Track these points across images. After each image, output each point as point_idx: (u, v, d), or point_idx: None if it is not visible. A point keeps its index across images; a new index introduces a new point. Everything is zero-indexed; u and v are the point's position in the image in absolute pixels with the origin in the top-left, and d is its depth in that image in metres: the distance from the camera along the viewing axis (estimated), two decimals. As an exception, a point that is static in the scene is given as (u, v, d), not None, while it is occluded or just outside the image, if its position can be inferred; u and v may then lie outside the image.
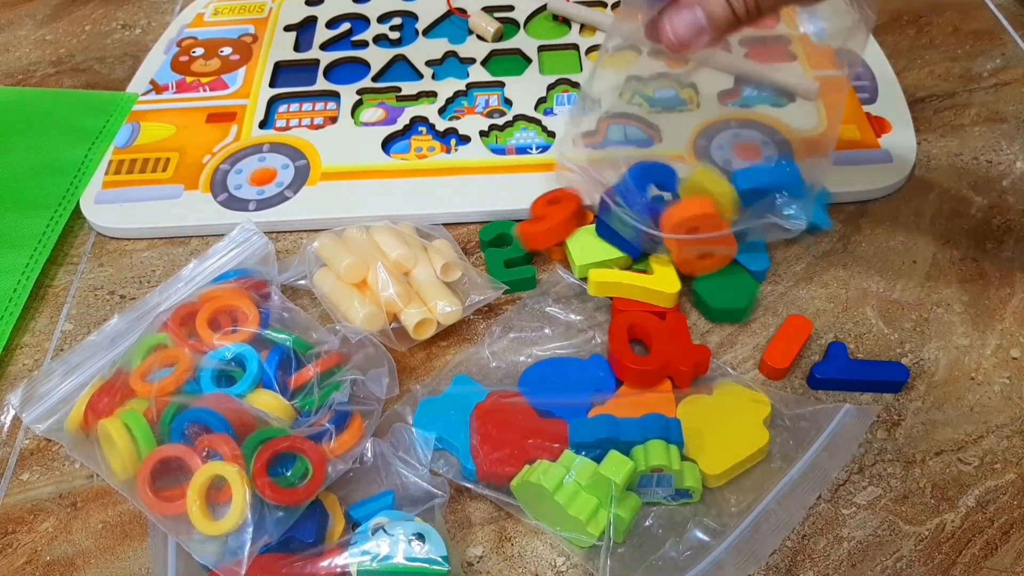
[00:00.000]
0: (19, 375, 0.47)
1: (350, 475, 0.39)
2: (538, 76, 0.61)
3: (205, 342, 0.42)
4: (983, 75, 0.61)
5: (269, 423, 0.39)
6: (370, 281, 0.45)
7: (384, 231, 0.48)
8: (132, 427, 0.38)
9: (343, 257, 0.46)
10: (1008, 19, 0.66)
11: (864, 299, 0.48)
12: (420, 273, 0.46)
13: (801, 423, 0.41)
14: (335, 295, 0.46)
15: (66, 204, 0.54)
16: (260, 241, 0.49)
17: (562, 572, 0.38)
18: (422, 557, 0.35)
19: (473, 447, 0.40)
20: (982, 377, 0.44)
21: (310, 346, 0.43)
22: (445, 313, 0.45)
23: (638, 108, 0.55)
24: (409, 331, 0.45)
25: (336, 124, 0.58)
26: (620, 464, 0.37)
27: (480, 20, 0.65)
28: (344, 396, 0.41)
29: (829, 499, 0.40)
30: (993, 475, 0.41)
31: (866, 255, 0.50)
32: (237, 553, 0.35)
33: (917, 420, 0.43)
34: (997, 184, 0.54)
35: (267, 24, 0.67)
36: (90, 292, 0.50)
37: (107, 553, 0.40)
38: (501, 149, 0.56)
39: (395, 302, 0.44)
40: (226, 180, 0.55)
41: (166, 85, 0.62)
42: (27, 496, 0.42)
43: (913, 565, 0.38)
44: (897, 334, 0.46)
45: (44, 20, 0.71)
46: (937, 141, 0.57)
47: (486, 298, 0.46)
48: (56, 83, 0.65)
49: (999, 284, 0.48)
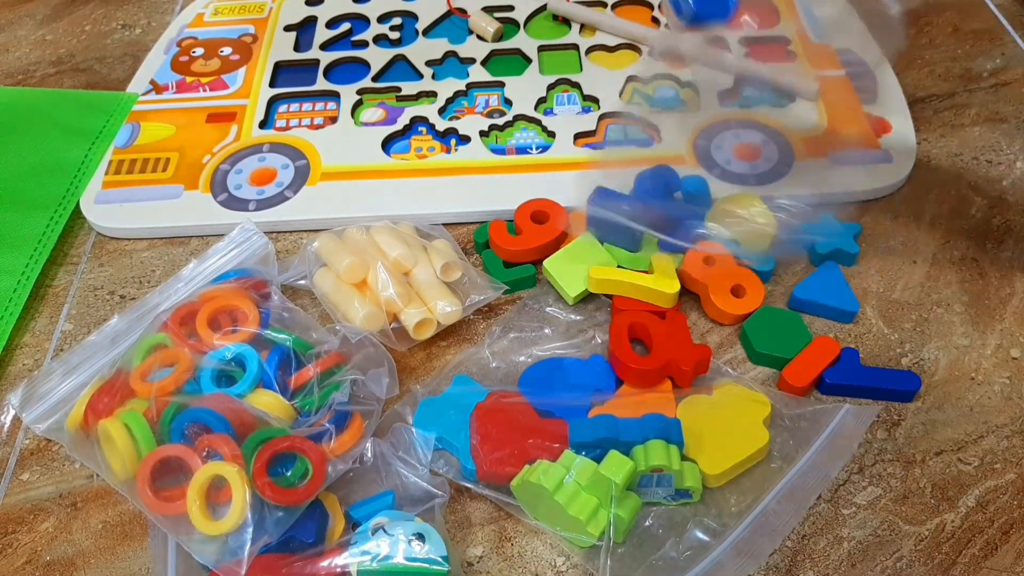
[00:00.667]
0: (19, 375, 0.47)
1: (350, 475, 0.39)
2: (538, 76, 0.61)
3: (205, 342, 0.42)
4: (983, 75, 0.61)
5: (269, 423, 0.39)
6: (370, 281, 0.45)
7: (384, 231, 0.48)
8: (132, 427, 0.38)
9: (343, 257, 0.46)
10: (1008, 19, 0.66)
11: (864, 299, 0.48)
12: (420, 273, 0.46)
13: (801, 423, 0.41)
14: (335, 295, 0.46)
15: (66, 204, 0.54)
16: (260, 241, 0.49)
17: (562, 572, 0.38)
18: (422, 557, 0.35)
19: (473, 447, 0.40)
20: (982, 377, 0.44)
21: (310, 346, 0.43)
22: (445, 313, 0.45)
23: (638, 108, 0.55)
24: (409, 331, 0.45)
25: (336, 124, 0.58)
26: (620, 464, 0.37)
27: (480, 20, 0.65)
28: (344, 396, 0.41)
29: (829, 499, 0.40)
30: (993, 475, 0.41)
31: (866, 255, 0.50)
32: (237, 553, 0.35)
33: (917, 420, 0.43)
34: (997, 184, 0.54)
35: (267, 24, 0.67)
36: (90, 292, 0.50)
37: (107, 553, 0.40)
38: (501, 149, 0.56)
39: (395, 302, 0.44)
40: (226, 180, 0.55)
41: (166, 85, 0.62)
42: (27, 496, 0.42)
43: (913, 565, 0.38)
44: (897, 334, 0.46)
45: (44, 20, 0.71)
46: (937, 141, 0.57)
47: (486, 298, 0.46)
48: (56, 83, 0.65)
49: (999, 284, 0.48)
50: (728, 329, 0.47)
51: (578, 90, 0.60)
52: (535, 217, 0.50)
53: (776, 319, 0.46)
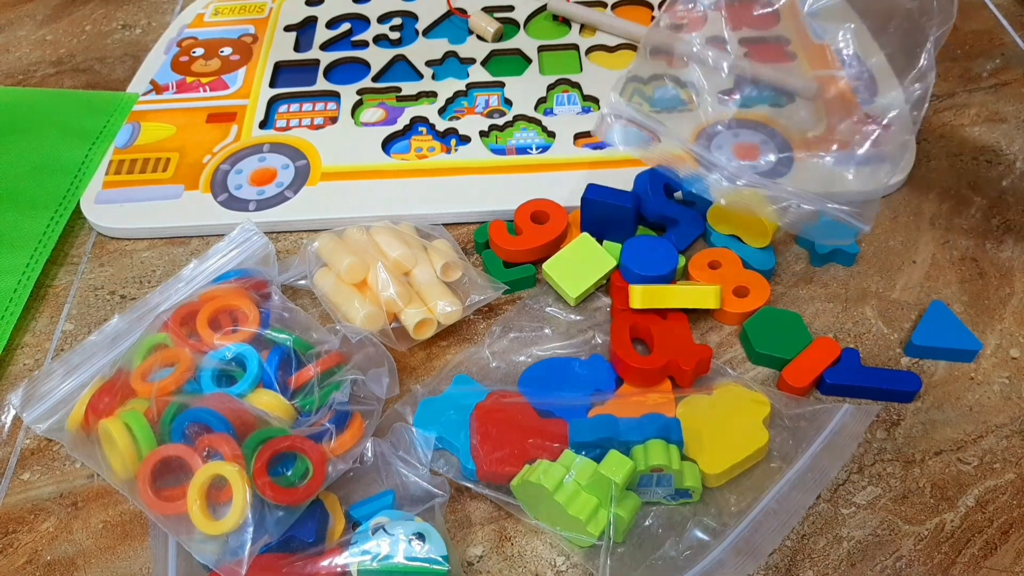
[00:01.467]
0: (20, 375, 0.47)
1: (350, 475, 0.40)
2: (538, 76, 0.62)
3: (206, 342, 0.42)
4: (983, 75, 0.61)
5: (269, 423, 0.39)
6: (370, 281, 0.45)
7: (384, 231, 0.48)
8: (133, 427, 0.38)
9: (343, 257, 0.46)
10: (1008, 19, 0.66)
11: (864, 299, 0.48)
12: (420, 273, 0.46)
13: (800, 423, 0.41)
14: (335, 295, 0.46)
15: (67, 204, 0.54)
16: (260, 241, 0.49)
17: (562, 572, 0.38)
18: (422, 557, 0.35)
19: (473, 447, 0.40)
20: (981, 377, 0.44)
21: (310, 346, 0.43)
22: (446, 313, 0.45)
23: (638, 108, 0.55)
24: (409, 331, 0.45)
25: (336, 124, 0.58)
26: (620, 464, 0.37)
27: (480, 20, 0.65)
28: (344, 396, 0.41)
29: (829, 499, 0.40)
30: (992, 475, 0.41)
31: (866, 255, 0.50)
32: (237, 553, 0.35)
33: (917, 420, 0.43)
34: (997, 184, 0.54)
35: (267, 24, 0.67)
36: (90, 292, 0.50)
37: (107, 553, 0.40)
38: (501, 149, 0.56)
39: (395, 302, 0.44)
40: (226, 180, 0.55)
41: (166, 85, 0.62)
42: (28, 496, 0.42)
43: (913, 565, 0.38)
44: (897, 334, 0.46)
45: (44, 20, 0.71)
46: (937, 141, 0.57)
47: (486, 298, 0.46)
48: (56, 83, 0.65)
49: (999, 284, 0.48)
50: (728, 329, 0.47)
51: (578, 90, 0.60)
52: (535, 217, 0.50)
53: (777, 319, 0.46)
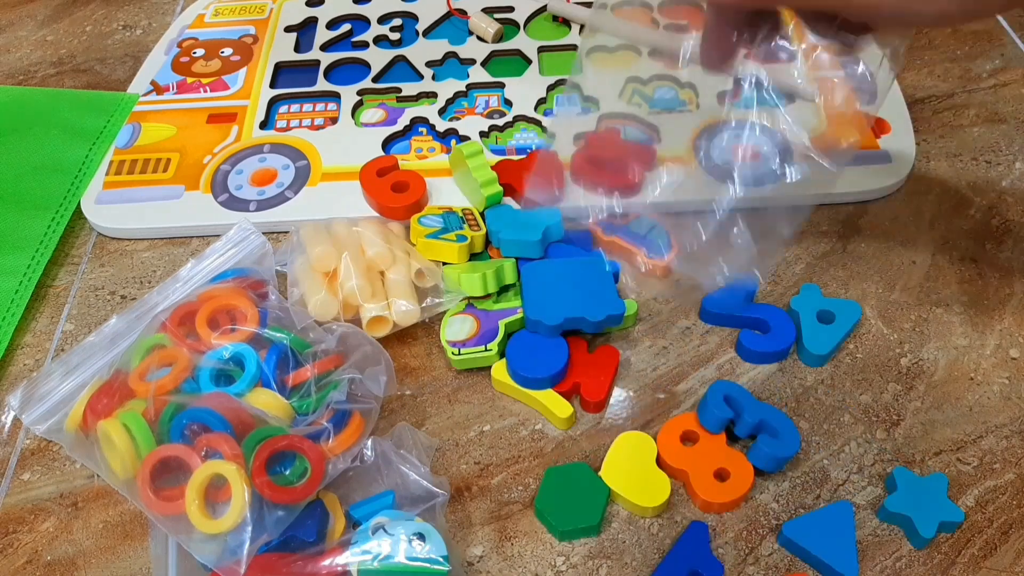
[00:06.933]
0: (20, 375, 0.47)
1: (350, 474, 0.40)
2: (538, 77, 0.62)
3: (204, 341, 0.42)
4: (982, 75, 0.61)
5: (268, 422, 0.39)
6: (339, 272, 0.46)
7: (370, 226, 0.48)
8: (131, 427, 0.38)
9: (316, 245, 0.46)
10: (1007, 19, 0.66)
11: (863, 299, 0.48)
12: (394, 274, 0.46)
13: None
14: (304, 281, 0.46)
15: (67, 204, 0.54)
16: (257, 240, 0.49)
17: (562, 572, 0.38)
18: (422, 556, 0.35)
19: None
20: (981, 377, 0.44)
21: (308, 345, 0.43)
22: (401, 312, 0.45)
23: (638, 108, 0.55)
24: (363, 324, 0.45)
25: (336, 125, 0.58)
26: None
27: (480, 21, 0.65)
28: (342, 395, 0.41)
29: (828, 499, 0.40)
30: (992, 475, 0.41)
31: (865, 256, 0.50)
32: (237, 552, 0.35)
33: (916, 420, 0.43)
34: (996, 184, 0.54)
35: (268, 25, 0.67)
36: (91, 292, 0.50)
37: (107, 553, 0.40)
38: (501, 150, 0.56)
39: (355, 295, 0.44)
40: (227, 180, 0.55)
41: (167, 86, 0.62)
42: (28, 496, 0.42)
43: (912, 565, 0.38)
44: (896, 334, 0.46)
45: (45, 21, 0.71)
46: (936, 141, 0.57)
47: (443, 302, 0.46)
48: (57, 83, 0.65)
49: (998, 284, 0.48)
50: (728, 329, 0.47)
51: (578, 90, 0.60)
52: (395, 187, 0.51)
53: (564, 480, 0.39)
